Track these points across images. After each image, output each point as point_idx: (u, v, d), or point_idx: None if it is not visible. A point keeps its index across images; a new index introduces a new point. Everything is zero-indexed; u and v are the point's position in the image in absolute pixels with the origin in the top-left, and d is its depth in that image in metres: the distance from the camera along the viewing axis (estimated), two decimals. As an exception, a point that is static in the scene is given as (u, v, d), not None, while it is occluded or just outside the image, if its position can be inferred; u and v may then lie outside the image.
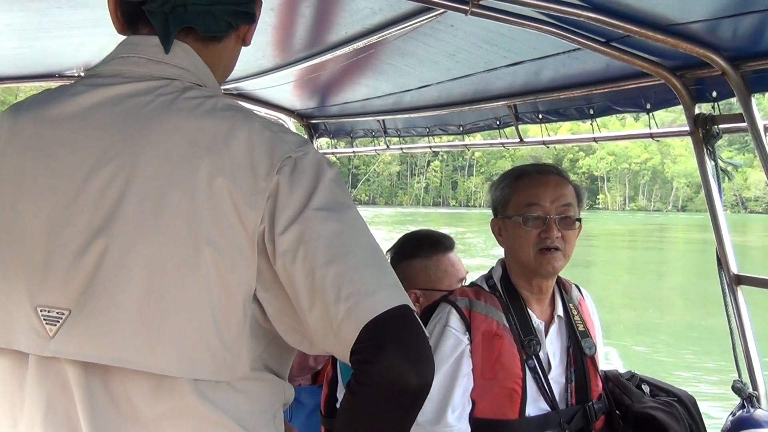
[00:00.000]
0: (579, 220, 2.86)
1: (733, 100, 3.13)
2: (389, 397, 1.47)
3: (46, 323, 1.53)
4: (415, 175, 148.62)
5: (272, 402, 1.68)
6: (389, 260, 3.55)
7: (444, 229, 3.95)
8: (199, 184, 1.52)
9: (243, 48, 1.92)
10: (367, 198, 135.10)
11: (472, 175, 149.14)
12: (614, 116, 4.20)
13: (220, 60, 1.81)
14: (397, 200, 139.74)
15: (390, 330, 1.47)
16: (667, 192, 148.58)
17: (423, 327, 1.53)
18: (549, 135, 4.83)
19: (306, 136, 6.62)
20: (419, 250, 3.48)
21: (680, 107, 3.42)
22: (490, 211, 3.00)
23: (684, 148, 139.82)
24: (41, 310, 1.54)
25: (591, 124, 4.13)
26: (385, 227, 49.62)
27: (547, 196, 2.82)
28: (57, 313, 1.53)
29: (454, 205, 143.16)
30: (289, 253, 1.50)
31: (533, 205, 2.81)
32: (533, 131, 5.36)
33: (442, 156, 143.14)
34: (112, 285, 1.50)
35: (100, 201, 1.54)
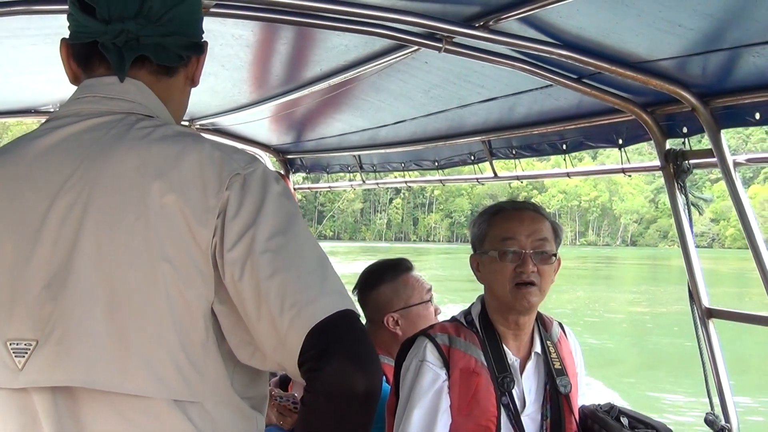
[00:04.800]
0: (555, 255, 2.87)
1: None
2: (340, 405, 1.48)
3: (15, 356, 1.56)
4: (377, 211, 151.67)
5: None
6: (355, 297, 3.60)
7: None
8: (151, 204, 1.57)
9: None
10: (332, 233, 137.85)
11: (432, 212, 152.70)
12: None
13: (171, 95, 1.86)
14: (360, 236, 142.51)
15: (333, 335, 1.49)
16: (616, 228, 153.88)
17: (366, 331, 1.57)
18: (523, 170, 4.85)
19: (282, 172, 6.64)
20: (383, 277, 3.55)
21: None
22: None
23: (632, 186, 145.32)
24: (10, 344, 1.57)
25: (564, 159, 4.17)
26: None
27: (522, 231, 2.82)
28: (25, 344, 1.56)
29: (414, 240, 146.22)
30: (237, 267, 1.54)
31: (509, 239, 2.82)
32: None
33: (403, 194, 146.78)
34: (77, 309, 1.54)
35: (60, 232, 1.59)
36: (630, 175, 3.95)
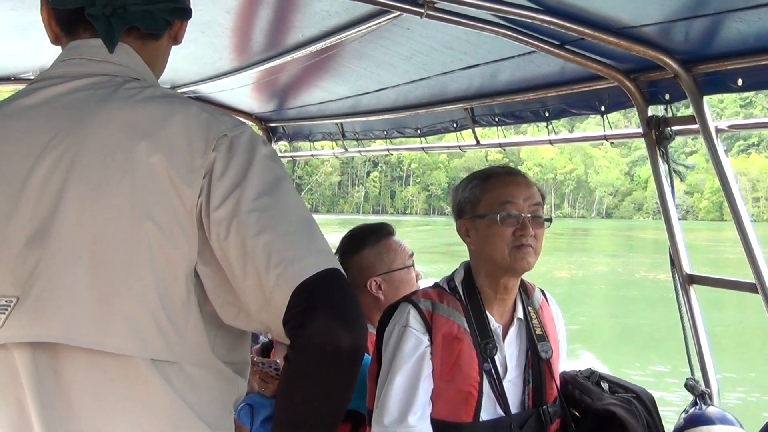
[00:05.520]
0: (550, 219, 2.89)
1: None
2: (324, 360, 1.49)
3: None
4: (355, 184, 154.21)
5: (227, 395, 1.71)
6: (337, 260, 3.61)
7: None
8: (138, 163, 1.58)
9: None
10: (310, 206, 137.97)
11: (409, 185, 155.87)
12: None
13: (157, 57, 1.88)
14: (338, 208, 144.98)
15: (320, 292, 1.51)
16: (591, 201, 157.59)
17: (353, 290, 1.59)
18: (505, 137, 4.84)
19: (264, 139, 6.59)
20: (366, 241, 3.58)
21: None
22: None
23: (607, 159, 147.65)
24: None
25: (546, 127, 4.16)
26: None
27: (520, 195, 2.83)
28: (6, 301, 1.56)
29: (392, 213, 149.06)
30: (222, 226, 1.56)
31: (508, 203, 2.82)
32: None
33: (381, 167, 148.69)
34: (58, 265, 1.54)
35: (43, 190, 1.59)
36: (613, 143, 3.96)
